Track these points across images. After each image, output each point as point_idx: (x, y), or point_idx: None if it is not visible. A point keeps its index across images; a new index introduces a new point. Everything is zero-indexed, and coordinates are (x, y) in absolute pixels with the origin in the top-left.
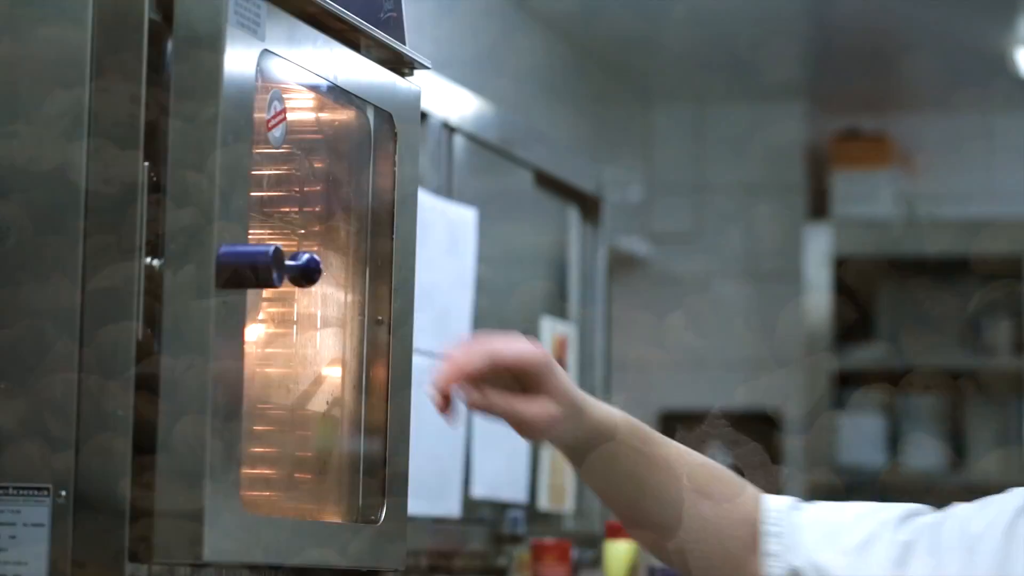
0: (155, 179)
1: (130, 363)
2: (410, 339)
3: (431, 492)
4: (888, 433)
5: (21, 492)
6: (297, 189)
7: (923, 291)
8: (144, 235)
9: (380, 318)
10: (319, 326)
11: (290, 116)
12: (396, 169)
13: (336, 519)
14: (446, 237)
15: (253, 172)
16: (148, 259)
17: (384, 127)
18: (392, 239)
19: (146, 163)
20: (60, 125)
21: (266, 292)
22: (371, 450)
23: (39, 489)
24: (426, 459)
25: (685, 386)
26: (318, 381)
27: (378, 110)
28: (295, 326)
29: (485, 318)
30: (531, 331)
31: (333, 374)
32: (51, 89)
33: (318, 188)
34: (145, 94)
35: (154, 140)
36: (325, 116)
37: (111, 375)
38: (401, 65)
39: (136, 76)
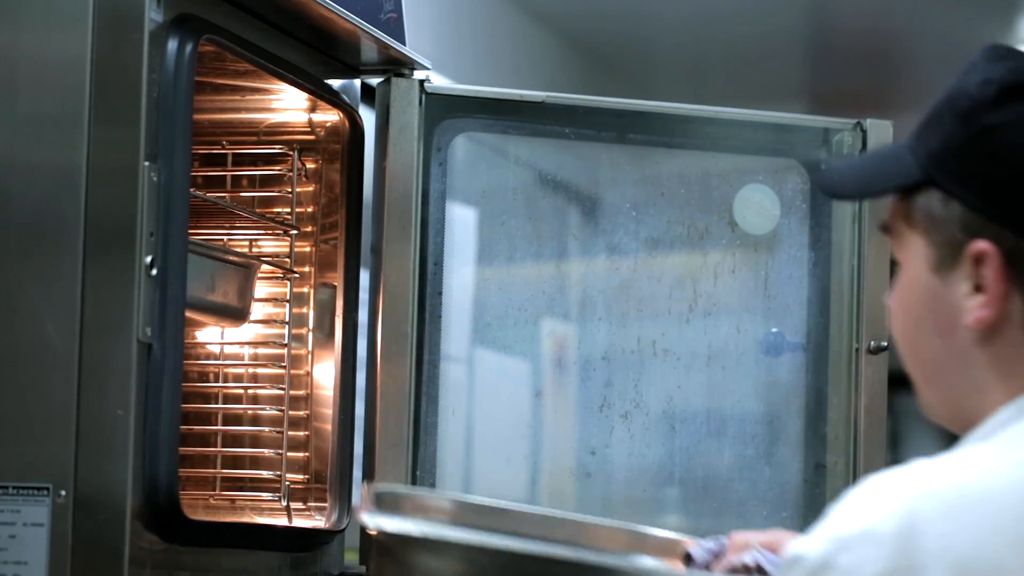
0: (155, 179)
1: (130, 363)
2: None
3: None
4: (888, 432)
5: (21, 492)
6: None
7: None
8: (144, 235)
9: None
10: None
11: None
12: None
13: None
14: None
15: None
16: (148, 259)
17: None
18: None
19: (146, 163)
20: (60, 124)
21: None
22: None
23: (39, 489)
24: None
25: None
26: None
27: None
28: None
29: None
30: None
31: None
32: (51, 89)
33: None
34: (146, 94)
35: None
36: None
37: (111, 375)
38: (401, 65)
39: (136, 76)
